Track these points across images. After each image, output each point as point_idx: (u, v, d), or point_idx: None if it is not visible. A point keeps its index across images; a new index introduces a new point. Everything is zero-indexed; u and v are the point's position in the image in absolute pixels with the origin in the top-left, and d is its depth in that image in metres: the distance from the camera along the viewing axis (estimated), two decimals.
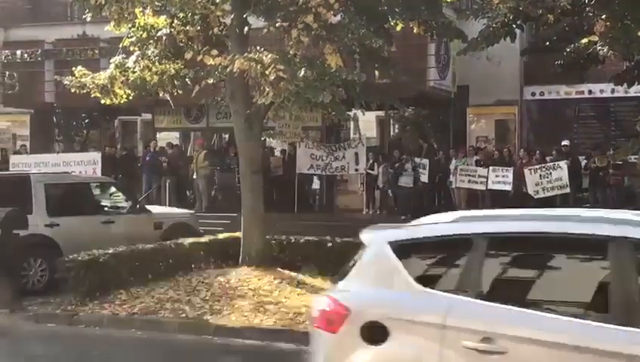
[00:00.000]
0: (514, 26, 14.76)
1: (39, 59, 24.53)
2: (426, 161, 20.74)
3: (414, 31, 15.09)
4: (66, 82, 14.92)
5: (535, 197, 18.42)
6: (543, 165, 19.35)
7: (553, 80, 21.05)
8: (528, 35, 20.85)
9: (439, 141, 23.41)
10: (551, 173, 19.01)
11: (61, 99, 23.88)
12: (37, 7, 28.33)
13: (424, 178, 20.59)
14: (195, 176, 22.70)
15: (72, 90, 14.94)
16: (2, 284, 12.52)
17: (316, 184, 23.48)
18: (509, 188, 18.72)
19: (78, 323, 11.63)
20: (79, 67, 15.05)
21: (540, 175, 19.05)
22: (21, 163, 21.92)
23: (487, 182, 19.76)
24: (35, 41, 24.74)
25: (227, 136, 25.51)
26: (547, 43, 17.14)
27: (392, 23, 14.76)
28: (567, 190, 18.94)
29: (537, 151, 20.30)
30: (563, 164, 19.01)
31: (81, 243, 13.49)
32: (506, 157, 20.80)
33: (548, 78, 20.96)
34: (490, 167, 19.85)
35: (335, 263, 14.17)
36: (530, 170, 19.22)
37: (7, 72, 24.85)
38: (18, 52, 24.63)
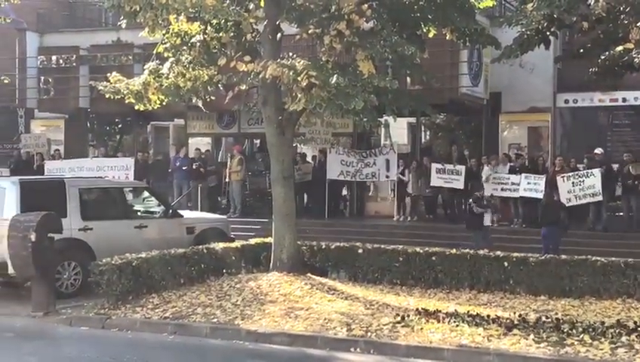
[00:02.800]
0: (548, 33, 14.71)
1: (74, 64, 24.79)
2: (460, 168, 20.66)
3: (447, 37, 15.09)
4: (100, 88, 15.08)
5: (567, 205, 18.25)
6: (575, 173, 19.18)
7: (587, 87, 20.87)
8: (562, 42, 20.76)
9: (471, 148, 23.29)
10: (584, 181, 18.82)
11: (95, 104, 24.14)
12: (72, 14, 28.68)
13: (459, 185, 20.52)
14: (227, 181, 22.83)
15: (107, 96, 15.10)
16: (37, 287, 12.66)
17: (344, 190, 23.47)
18: (540, 195, 18.55)
19: (111, 326, 11.73)
20: (114, 73, 15.21)
21: (573, 182, 18.88)
22: (56, 168, 22.17)
23: (518, 189, 19.63)
24: (71, 47, 24.99)
25: (258, 141, 25.64)
26: (581, 50, 17.03)
27: (425, 30, 14.76)
28: (600, 198, 18.74)
29: (571, 159, 20.15)
30: (597, 171, 18.81)
31: (114, 247, 13.66)
32: (539, 165, 20.65)
33: (582, 85, 20.79)
34: (523, 174, 19.72)
35: (366, 269, 14.29)
36: (562, 177, 19.06)
37: (42, 78, 25.16)
38: (53, 58, 24.94)
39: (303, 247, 14.86)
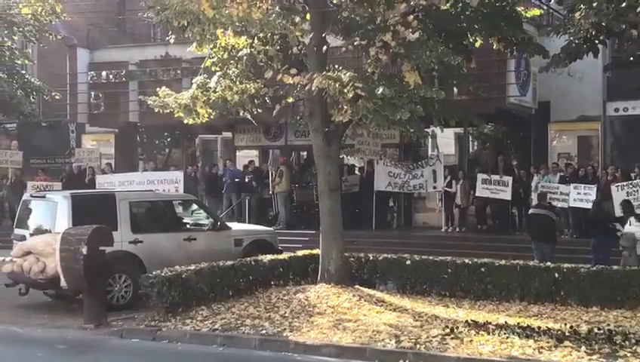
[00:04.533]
0: (596, 41, 14.52)
1: (124, 79, 25.17)
2: (507, 179, 20.48)
3: (494, 47, 14.99)
4: (149, 102, 15.29)
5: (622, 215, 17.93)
6: (630, 182, 18.85)
7: (637, 95, 20.55)
8: (611, 50, 20.48)
9: (519, 158, 23.07)
10: (638, 191, 18.49)
11: (145, 118, 24.49)
12: (122, 30, 29.15)
13: (506, 196, 20.34)
14: (274, 194, 22.94)
15: (156, 110, 15.30)
16: (88, 300, 12.83)
17: (391, 202, 23.42)
18: (590, 205, 18.27)
19: (161, 338, 11.83)
20: (163, 87, 15.42)
21: (627, 192, 18.54)
22: (106, 182, 22.50)
23: (568, 199, 19.37)
24: (120, 63, 25.40)
25: (305, 153, 25.73)
26: (631, 58, 16.79)
27: (471, 40, 14.67)
28: None
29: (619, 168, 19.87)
30: None
31: (164, 260, 13.82)
32: (590, 175, 20.36)
33: (632, 94, 20.48)
34: (572, 185, 19.45)
35: (414, 281, 14.22)
36: (617, 186, 18.77)
37: (93, 93, 25.59)
38: (104, 73, 25.36)
39: (351, 259, 14.85)
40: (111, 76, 25.23)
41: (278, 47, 14.50)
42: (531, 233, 16.84)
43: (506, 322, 11.31)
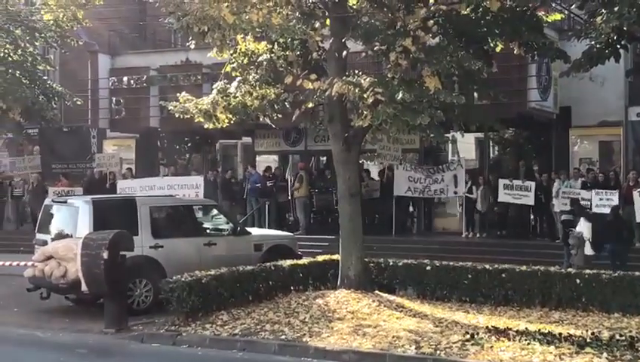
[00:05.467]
0: (618, 46, 14.43)
1: (144, 85, 25.30)
2: (530, 184, 20.38)
3: (515, 52, 14.91)
4: (170, 107, 15.35)
5: None
6: None
7: None
8: (633, 55, 20.32)
9: (540, 163, 22.95)
10: None
11: (165, 123, 24.60)
12: (142, 35, 29.29)
13: (529, 201, 20.23)
14: (293, 199, 22.96)
15: (176, 115, 15.36)
16: (109, 304, 12.89)
17: (411, 207, 23.35)
18: None
19: (181, 343, 11.87)
20: (183, 93, 15.48)
21: None
22: (127, 187, 22.59)
23: (590, 205, 19.22)
24: (141, 68, 25.53)
25: (325, 158, 25.73)
26: None
27: (492, 44, 14.61)
28: None
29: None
30: None
31: (184, 265, 13.87)
32: (612, 180, 20.20)
33: None
34: (594, 190, 19.28)
35: (434, 287, 14.17)
36: (639, 191, 18.61)
37: (114, 98, 25.73)
38: (125, 78, 25.47)
39: (371, 264, 14.83)
40: (132, 82, 25.34)
41: (298, 53, 14.53)
42: (565, 241, 16.76)
43: (526, 328, 11.25)
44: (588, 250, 15.87)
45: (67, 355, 11.47)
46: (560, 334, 10.75)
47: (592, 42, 14.60)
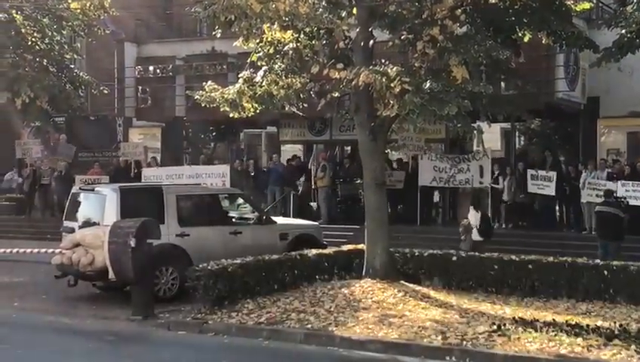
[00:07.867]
0: None
1: (170, 74, 25.38)
2: (552, 174, 20.22)
3: (543, 41, 14.81)
4: (196, 97, 15.39)
5: None
6: None
7: None
8: None
9: (567, 154, 22.78)
10: None
11: (191, 113, 24.65)
12: (169, 24, 29.39)
13: (550, 191, 20.10)
14: (316, 189, 22.95)
15: (202, 105, 15.39)
16: (136, 292, 12.98)
17: (436, 197, 23.27)
18: (639, 203, 17.94)
19: (208, 331, 11.91)
20: (209, 82, 15.50)
21: None
22: (153, 175, 22.70)
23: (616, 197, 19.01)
24: (167, 57, 25.61)
25: (349, 148, 25.68)
26: None
27: (520, 34, 14.49)
28: None
29: None
30: None
31: (210, 253, 13.91)
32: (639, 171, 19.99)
33: None
34: (620, 182, 19.07)
35: (460, 277, 14.12)
36: None
37: (140, 87, 25.83)
38: (151, 67, 25.57)
39: (396, 254, 14.79)
40: (158, 71, 25.45)
41: (325, 42, 14.48)
42: (600, 232, 16.61)
43: (554, 319, 11.18)
44: (475, 236, 16.14)
45: (95, 342, 11.57)
46: (587, 326, 10.68)
47: (623, 31, 14.44)
